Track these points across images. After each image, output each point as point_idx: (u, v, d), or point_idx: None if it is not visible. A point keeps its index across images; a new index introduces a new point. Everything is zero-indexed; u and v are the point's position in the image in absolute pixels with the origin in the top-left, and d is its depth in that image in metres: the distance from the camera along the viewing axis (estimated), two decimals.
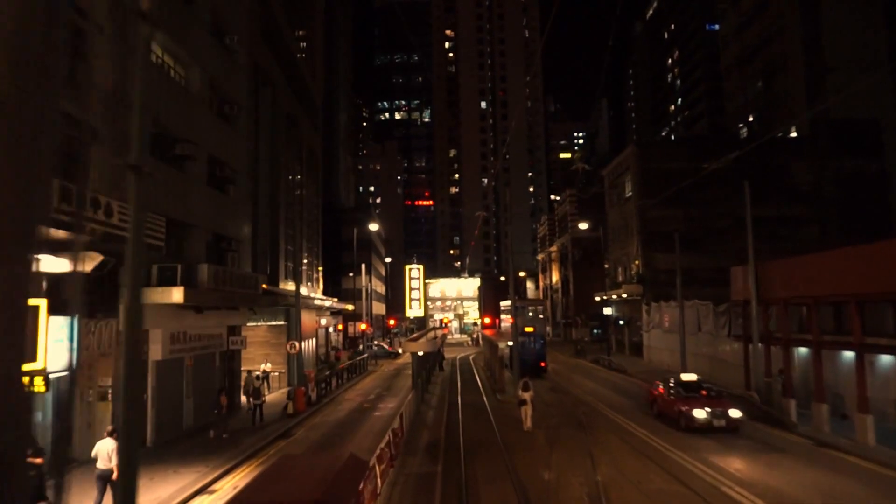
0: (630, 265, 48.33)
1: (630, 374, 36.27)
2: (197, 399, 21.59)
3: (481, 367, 43.48)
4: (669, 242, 47.02)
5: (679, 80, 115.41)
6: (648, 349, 43.28)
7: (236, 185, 25.30)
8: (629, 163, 47.37)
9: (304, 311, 36.97)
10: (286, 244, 36.92)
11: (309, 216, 45.26)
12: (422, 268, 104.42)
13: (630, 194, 47.76)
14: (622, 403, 25.54)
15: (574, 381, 34.38)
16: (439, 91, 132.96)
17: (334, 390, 30.90)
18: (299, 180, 41.89)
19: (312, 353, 38.86)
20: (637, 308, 46.75)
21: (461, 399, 27.16)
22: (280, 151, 35.96)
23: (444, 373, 40.05)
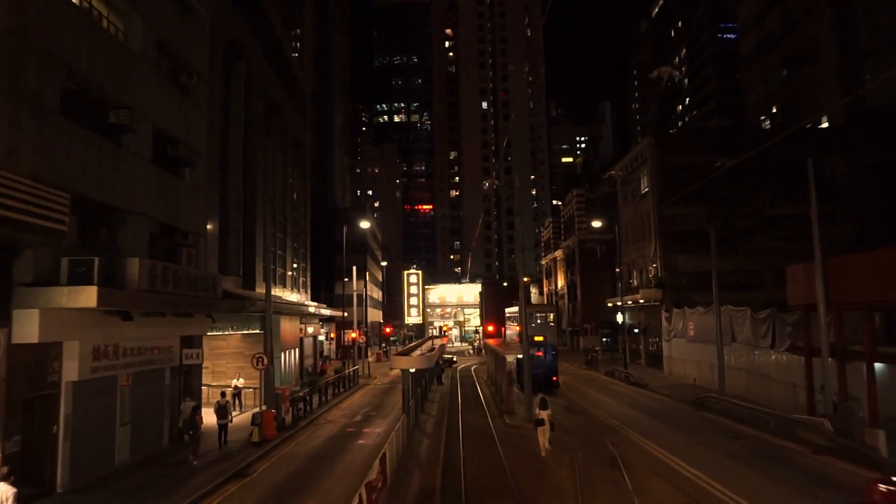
0: (646, 268, 44.22)
1: (653, 390, 32.09)
2: (137, 427, 17.46)
3: (484, 379, 39.31)
4: (690, 242, 43.03)
5: (687, 79, 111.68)
6: (669, 360, 39.10)
7: (194, 169, 21.24)
8: (645, 156, 43.35)
9: (286, 318, 32.87)
10: (265, 243, 32.85)
11: (295, 214, 41.24)
12: (420, 273, 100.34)
13: (646, 190, 43.70)
14: (656, 429, 21.37)
15: (590, 397, 30.20)
16: (439, 91, 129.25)
17: (315, 410, 26.73)
18: (283, 174, 37.88)
19: (296, 366, 34.72)
20: (655, 315, 42.62)
21: (462, 421, 23.02)
22: (258, 139, 31.97)
23: (443, 387, 35.89)
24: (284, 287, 36.76)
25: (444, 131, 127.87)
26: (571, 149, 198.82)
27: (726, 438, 19.50)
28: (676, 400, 28.23)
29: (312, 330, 41.68)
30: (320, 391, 28.19)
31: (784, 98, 48.75)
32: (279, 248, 36.06)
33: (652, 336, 44.89)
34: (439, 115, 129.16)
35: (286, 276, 37.04)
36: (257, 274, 30.68)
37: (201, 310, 19.25)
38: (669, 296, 40.60)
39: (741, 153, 38.23)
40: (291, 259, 39.28)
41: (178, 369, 20.13)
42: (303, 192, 44.78)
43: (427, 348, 25.89)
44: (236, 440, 20.53)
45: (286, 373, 31.71)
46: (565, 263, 75.30)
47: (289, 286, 37.83)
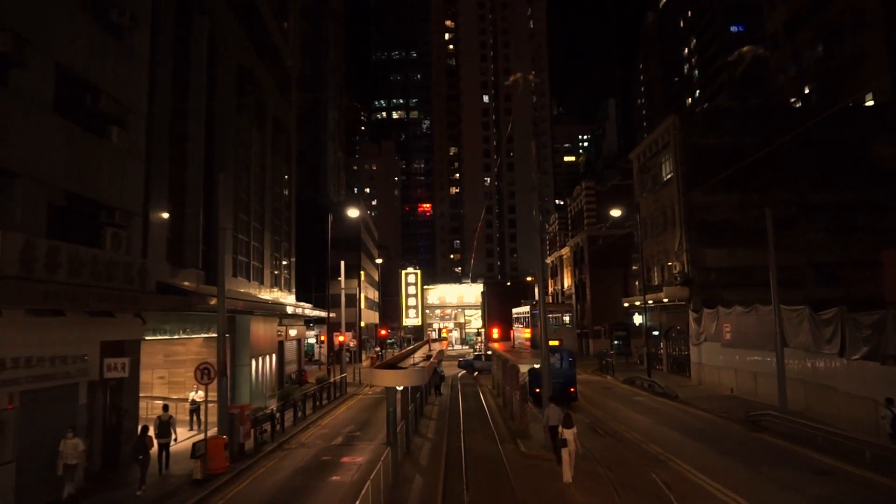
0: (669, 263, 39.68)
1: (686, 402, 27.56)
2: (28, 462, 12.95)
3: (488, 388, 34.78)
4: (720, 234, 38.46)
5: (697, 71, 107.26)
6: (698, 367, 34.54)
7: (127, 131, 16.73)
8: (669, 138, 38.83)
9: (261, 319, 28.36)
10: (237, 232, 28.36)
11: (276, 203, 36.75)
12: (419, 272, 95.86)
13: (669, 176, 39.19)
14: (711, 460, 16.86)
15: (615, 412, 25.66)
16: (439, 86, 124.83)
17: (288, 429, 22.19)
18: (261, 157, 33.37)
19: (273, 374, 30.16)
20: (680, 315, 38.10)
21: (465, 446, 18.51)
22: (227, 112, 27.51)
23: (442, 397, 31.36)
24: (262, 284, 32.26)
25: (444, 126, 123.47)
26: (574, 148, 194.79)
27: (810, 475, 14.97)
28: (720, 416, 23.67)
29: (296, 332, 37.16)
30: (295, 406, 23.62)
31: (819, 76, 44.22)
32: (255, 239, 31.57)
33: (675, 339, 40.35)
34: (439, 110, 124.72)
35: (263, 272, 32.52)
36: (223, 267, 26.06)
37: (123, 307, 14.73)
38: (697, 294, 36.07)
39: (774, 134, 33.81)
40: (271, 253, 34.77)
41: (101, 384, 15.62)
42: (287, 181, 40.28)
43: (422, 355, 21.40)
44: (181, 472, 16.07)
45: (259, 383, 27.20)
46: (572, 261, 70.78)
47: (267, 283, 33.31)
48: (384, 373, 13.85)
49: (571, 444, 14.71)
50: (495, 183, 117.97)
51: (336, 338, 59.20)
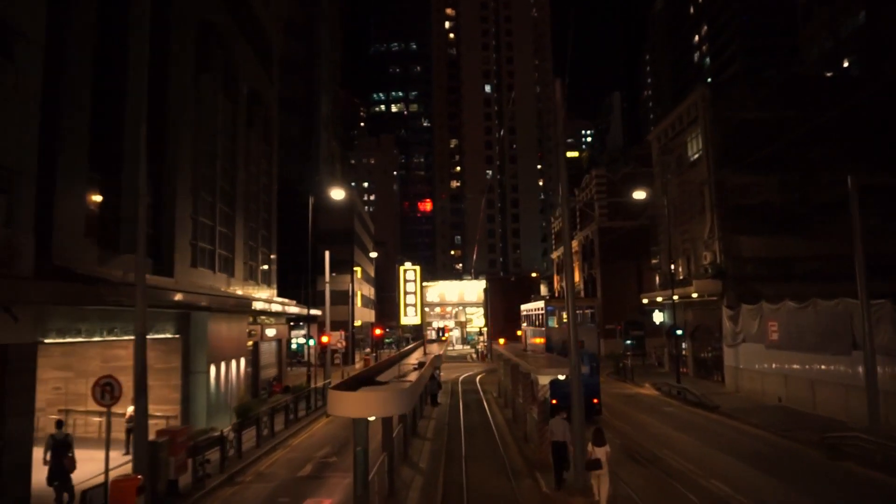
0: (698, 254, 35.23)
1: (730, 416, 23.16)
2: None
3: (493, 396, 30.37)
4: (757, 220, 33.89)
5: (708, 58, 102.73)
6: (735, 372, 30.08)
7: (12, 61, 12.32)
8: (697, 112, 34.35)
9: (224, 317, 23.93)
10: (198, 214, 23.96)
11: (252, 185, 32.33)
12: (418, 269, 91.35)
13: (697, 155, 34.73)
14: None
15: (647, 428, 21.25)
16: (439, 76, 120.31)
17: (248, 454, 17.78)
18: (232, 130, 28.94)
19: (240, 382, 25.67)
20: (710, 312, 33.67)
21: (468, 482, 14.17)
22: (184, 72, 23.06)
23: (440, 408, 26.95)
24: (232, 276, 27.83)
25: (444, 118, 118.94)
26: (576, 143, 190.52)
27: None
28: (780, 435, 19.22)
29: (275, 332, 32.75)
30: (259, 423, 19.18)
31: (860, 47, 39.71)
32: (223, 224, 27.14)
33: (702, 340, 35.91)
34: (439, 101, 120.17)
35: (233, 263, 28.09)
36: (178, 254, 21.72)
37: None
38: (732, 288, 31.63)
39: (818, 107, 29.40)
40: (245, 242, 30.36)
41: None
42: (267, 163, 35.86)
43: (415, 361, 16.96)
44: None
45: (222, 394, 22.75)
46: (581, 256, 66.34)
47: (240, 276, 28.89)
48: (351, 397, 9.19)
49: (604, 465, 10.73)
50: (497, 176, 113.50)
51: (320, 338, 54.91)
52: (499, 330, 66.68)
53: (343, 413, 9.09)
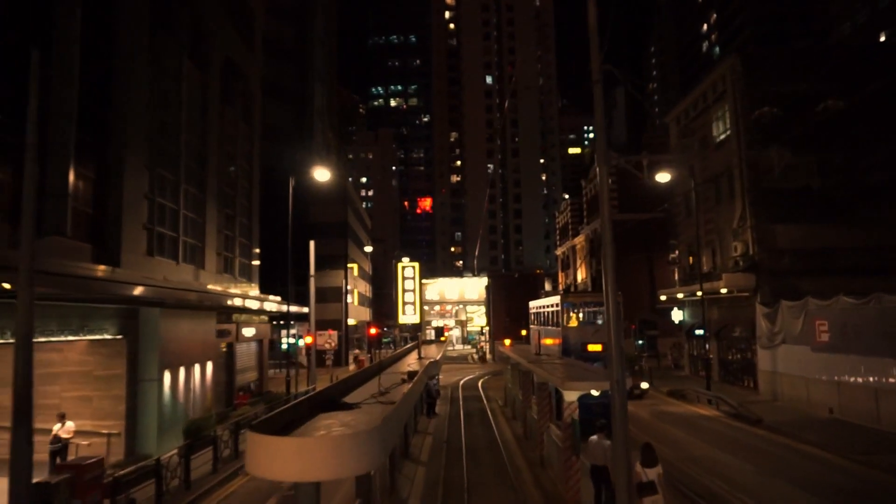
0: (725, 246, 31.74)
1: (778, 431, 19.69)
2: None
3: (499, 405, 26.89)
4: (795, 206, 30.48)
5: (718, 48, 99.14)
6: (772, 377, 26.56)
7: None
8: (725, 86, 30.84)
9: (184, 314, 20.45)
10: (155, 194, 20.50)
11: (228, 167, 28.89)
12: (417, 266, 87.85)
13: (725, 135, 31.22)
14: None
15: (686, 447, 17.77)
16: (439, 67, 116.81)
17: (199, 483, 14.29)
18: (201, 102, 25.46)
19: (208, 390, 22.16)
20: (736, 310, 30.20)
21: None
22: (135, 23, 19.60)
23: (437, 420, 23.47)
24: (200, 268, 24.36)
25: (444, 110, 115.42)
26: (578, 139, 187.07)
27: None
28: (859, 461, 15.68)
29: (254, 332, 29.26)
30: (216, 444, 15.67)
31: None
32: (190, 208, 23.69)
33: (729, 340, 32.41)
34: (439, 93, 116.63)
35: (203, 253, 24.61)
36: (127, 239, 18.23)
37: None
38: (766, 283, 28.13)
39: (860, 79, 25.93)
40: (218, 230, 26.90)
41: None
42: (248, 145, 32.40)
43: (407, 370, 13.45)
44: None
45: (179, 406, 19.25)
46: (588, 251, 62.79)
47: (211, 268, 25.42)
48: (282, 448, 5.28)
49: (659, 490, 9.50)
50: (499, 170, 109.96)
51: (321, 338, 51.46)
52: (501, 329, 63.22)
53: (271, 475, 5.48)
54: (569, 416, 11.32)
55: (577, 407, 11.34)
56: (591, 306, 20.81)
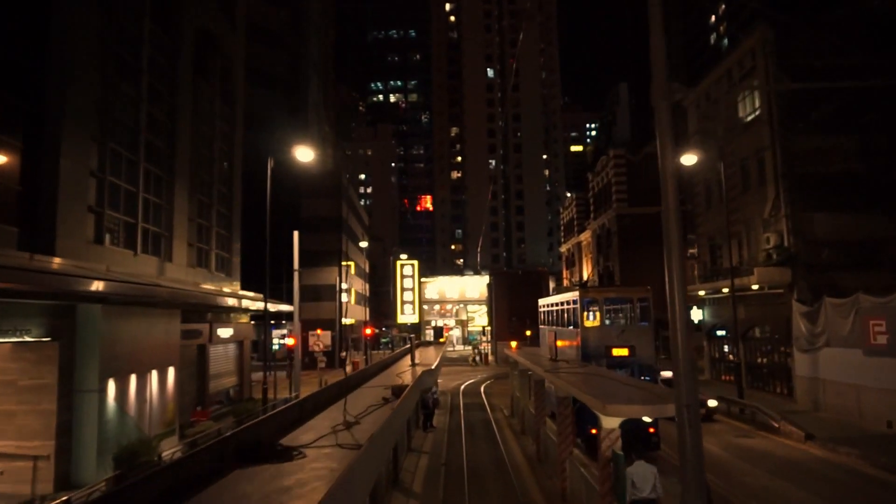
0: (754, 238, 28.78)
1: (838, 449, 16.73)
2: None
3: (504, 417, 23.95)
4: (834, 193, 27.62)
5: (726, 40, 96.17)
6: (812, 384, 23.58)
7: None
8: (755, 61, 27.88)
9: (136, 312, 17.48)
10: (106, 172, 17.55)
11: (203, 149, 25.94)
12: (416, 263, 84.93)
13: (755, 115, 28.24)
14: None
15: (732, 472, 14.85)
16: (439, 60, 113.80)
17: None
18: (168, 71, 22.53)
19: (170, 401, 19.16)
20: (768, 309, 27.23)
21: None
22: None
23: (434, 433, 20.53)
24: (168, 260, 21.45)
25: (445, 105, 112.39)
26: (581, 137, 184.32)
27: None
28: None
29: (231, 333, 26.28)
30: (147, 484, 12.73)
31: None
32: (151, 191, 20.75)
33: (757, 342, 29.43)
34: (439, 87, 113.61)
35: (171, 243, 21.66)
36: (64, 222, 15.29)
37: None
38: (803, 278, 25.17)
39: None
40: (192, 219, 23.95)
41: None
42: (227, 127, 29.46)
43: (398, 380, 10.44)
44: None
45: (131, 420, 16.29)
46: (596, 247, 59.87)
47: (180, 260, 22.49)
48: None
49: None
50: (501, 166, 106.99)
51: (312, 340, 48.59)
52: (504, 329, 60.28)
53: None
54: (608, 448, 8.38)
55: (619, 436, 8.39)
56: (614, 303, 17.85)
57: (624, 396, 8.52)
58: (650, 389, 8.72)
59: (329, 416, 7.60)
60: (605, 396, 8.35)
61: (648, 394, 8.54)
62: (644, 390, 8.91)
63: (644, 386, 9.46)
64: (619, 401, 8.06)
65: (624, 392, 8.89)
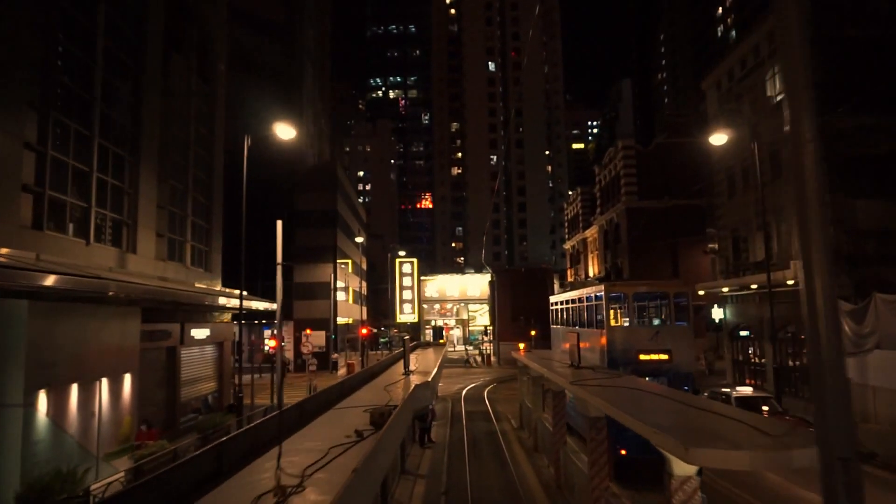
0: (786, 228, 26.12)
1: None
2: None
3: (513, 429, 21.32)
4: (880, 178, 25.20)
5: (734, 31, 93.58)
6: (860, 391, 20.92)
7: None
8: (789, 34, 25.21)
9: (86, 310, 14.84)
10: (47, 145, 14.93)
11: (176, 129, 23.33)
12: (415, 261, 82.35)
13: None
14: None
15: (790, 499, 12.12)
16: (439, 53, 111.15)
17: None
18: (135, 39, 19.93)
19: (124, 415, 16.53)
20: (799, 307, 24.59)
21: None
22: None
23: (433, 450, 17.88)
24: (132, 251, 18.84)
25: (445, 99, 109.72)
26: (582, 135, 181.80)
27: None
28: None
29: (207, 333, 23.66)
30: None
31: None
32: (111, 171, 18.12)
33: (787, 343, 26.78)
34: (439, 81, 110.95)
35: (134, 231, 19.03)
36: None
37: None
38: (846, 272, 22.53)
39: None
40: (163, 206, 21.34)
41: None
42: (206, 107, 26.87)
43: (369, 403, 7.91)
44: None
45: (69, 441, 13.67)
46: (602, 243, 57.20)
47: (147, 251, 19.88)
48: None
49: None
50: (502, 162, 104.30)
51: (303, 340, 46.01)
52: (507, 329, 57.75)
53: None
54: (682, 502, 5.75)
55: (697, 487, 5.76)
56: (646, 299, 15.19)
57: (711, 434, 5.87)
58: (752, 422, 6.10)
59: (261, 467, 5.01)
60: (688, 435, 5.65)
61: (752, 431, 5.82)
62: (740, 422, 6.24)
63: (735, 414, 6.87)
64: (709, 442, 5.43)
65: (708, 425, 6.23)
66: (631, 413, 6.57)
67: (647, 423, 5.90)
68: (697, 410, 7.11)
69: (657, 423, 6.00)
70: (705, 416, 6.67)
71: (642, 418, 6.19)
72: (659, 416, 6.82)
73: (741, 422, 6.08)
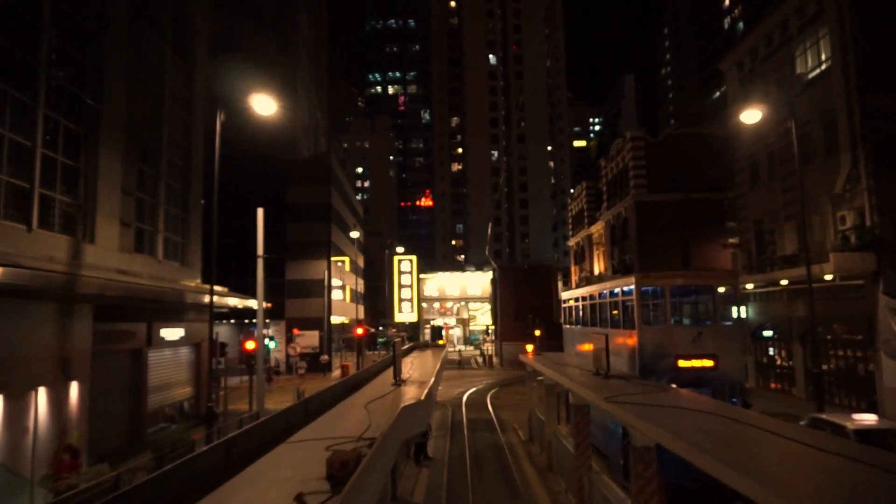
0: (821, 219, 23.77)
1: None
2: None
3: (520, 442, 19.00)
4: None
5: (742, 23, 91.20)
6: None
7: None
8: (822, 3, 22.84)
9: (8, 309, 12.49)
10: None
11: (150, 110, 21.01)
12: (414, 258, 80.00)
13: (821, 70, 23.26)
14: None
15: None
16: (439, 46, 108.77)
17: None
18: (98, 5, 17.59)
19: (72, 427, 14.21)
20: (842, 304, 22.24)
21: None
22: None
23: (431, 468, 15.55)
24: (89, 241, 16.50)
25: (445, 94, 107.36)
26: (584, 132, 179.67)
27: None
28: None
29: (181, 334, 21.33)
30: None
31: None
32: (62, 150, 15.80)
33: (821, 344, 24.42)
34: (439, 74, 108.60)
35: (93, 220, 16.71)
36: None
37: None
38: (892, 266, 20.21)
39: None
40: (130, 192, 19.01)
41: None
42: (182, 87, 24.53)
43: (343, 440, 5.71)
44: None
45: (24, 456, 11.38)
46: (609, 239, 54.82)
47: (110, 243, 17.54)
48: None
49: None
50: (504, 158, 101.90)
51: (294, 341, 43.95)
52: (510, 329, 55.42)
53: None
54: None
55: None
56: (684, 294, 12.87)
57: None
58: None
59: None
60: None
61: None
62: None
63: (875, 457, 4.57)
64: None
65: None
66: (733, 466, 4.19)
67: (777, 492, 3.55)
68: (828, 455, 4.82)
69: (793, 489, 3.68)
70: (839, 464, 4.34)
71: (760, 479, 3.84)
72: (770, 465, 4.45)
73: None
